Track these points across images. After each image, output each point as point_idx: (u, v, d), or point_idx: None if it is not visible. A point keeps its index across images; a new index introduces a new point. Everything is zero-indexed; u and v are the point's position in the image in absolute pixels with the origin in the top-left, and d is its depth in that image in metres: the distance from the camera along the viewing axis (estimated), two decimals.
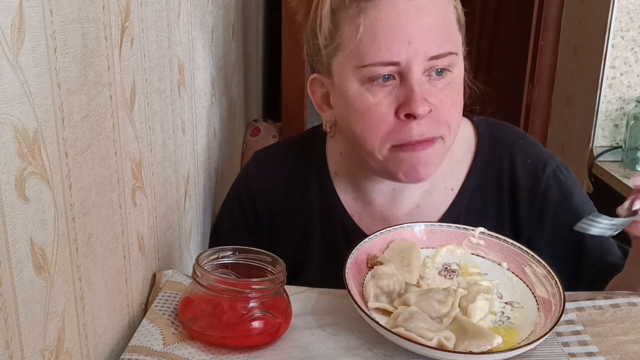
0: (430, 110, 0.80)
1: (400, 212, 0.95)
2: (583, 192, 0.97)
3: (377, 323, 0.69)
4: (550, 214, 0.94)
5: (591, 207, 0.97)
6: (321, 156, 0.99)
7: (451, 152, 0.94)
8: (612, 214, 0.76)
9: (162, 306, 0.79)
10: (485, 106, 0.98)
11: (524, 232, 0.94)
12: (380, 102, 0.81)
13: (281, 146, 1.09)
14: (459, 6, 0.86)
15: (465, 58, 0.92)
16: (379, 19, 0.79)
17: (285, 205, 0.99)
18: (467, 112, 0.97)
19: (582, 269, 0.93)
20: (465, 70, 0.92)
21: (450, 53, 0.81)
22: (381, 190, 0.95)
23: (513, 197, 0.94)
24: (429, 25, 0.79)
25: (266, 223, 1.00)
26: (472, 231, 0.86)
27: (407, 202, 0.95)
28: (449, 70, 0.82)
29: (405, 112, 0.80)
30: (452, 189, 0.96)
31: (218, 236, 1.06)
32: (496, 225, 0.90)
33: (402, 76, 0.80)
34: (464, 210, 0.94)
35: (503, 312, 0.76)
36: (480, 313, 0.73)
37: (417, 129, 0.81)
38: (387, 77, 0.80)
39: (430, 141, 0.83)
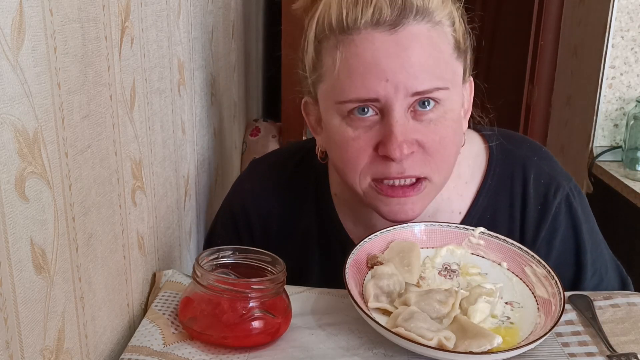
0: (413, 152, 0.76)
1: None
2: (592, 219, 0.92)
3: (377, 323, 0.69)
4: (558, 241, 0.89)
5: (596, 238, 0.91)
6: (322, 174, 0.94)
7: (458, 172, 0.88)
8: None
9: (162, 306, 0.79)
10: (486, 105, 0.93)
11: None
12: (359, 136, 0.77)
13: (279, 158, 1.01)
14: (460, 28, 0.80)
15: (471, 82, 0.86)
16: (355, 55, 0.75)
17: (281, 224, 0.95)
18: (475, 123, 0.92)
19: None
20: (471, 91, 0.87)
21: (438, 89, 0.76)
22: None
23: (523, 218, 0.89)
24: (411, 60, 0.74)
25: (261, 241, 0.95)
26: (472, 231, 0.86)
27: None
28: (437, 103, 0.77)
29: (383, 152, 0.76)
30: (460, 212, 0.90)
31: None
32: None
33: (382, 112, 0.76)
34: None
35: (503, 312, 0.76)
36: (481, 315, 0.73)
37: (396, 167, 0.77)
38: (366, 110, 0.76)
39: (413, 186, 0.78)
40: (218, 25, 1.38)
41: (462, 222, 0.90)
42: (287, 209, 0.95)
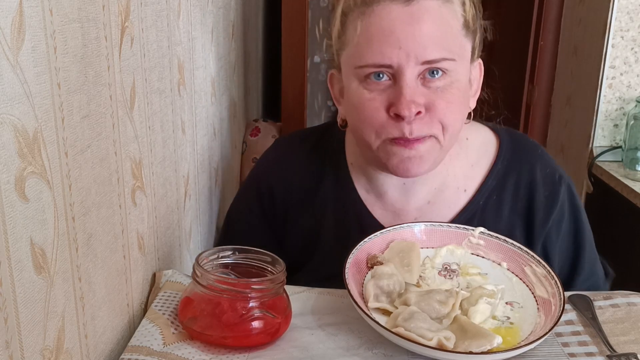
0: (419, 112, 0.83)
1: (412, 207, 0.96)
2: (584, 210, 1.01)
3: (377, 323, 0.70)
4: (565, 225, 0.97)
5: (588, 227, 1.00)
6: (340, 145, 1.03)
7: (465, 154, 0.98)
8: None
9: (162, 306, 0.79)
10: (492, 84, 0.99)
11: (538, 240, 0.95)
12: (374, 97, 0.85)
13: (301, 134, 1.12)
14: (470, 10, 0.88)
15: (479, 62, 0.94)
16: (374, 24, 0.84)
17: (301, 192, 1.02)
18: (481, 118, 0.98)
19: (575, 280, 0.97)
20: (481, 74, 0.95)
21: (445, 59, 0.84)
22: (392, 183, 0.96)
23: (530, 204, 0.96)
24: (422, 31, 0.82)
25: (282, 207, 1.03)
26: (472, 231, 0.86)
27: (418, 197, 0.96)
28: (445, 73, 0.84)
29: (393, 112, 0.84)
30: (465, 190, 0.97)
31: (230, 218, 1.08)
32: (509, 229, 0.93)
33: (395, 78, 0.84)
34: (479, 210, 0.95)
35: (503, 312, 0.76)
36: (481, 317, 0.73)
37: (407, 128, 0.84)
38: (381, 76, 0.85)
39: (420, 139, 0.85)
40: (218, 25, 1.38)
41: (472, 199, 0.96)
42: (306, 177, 1.03)
